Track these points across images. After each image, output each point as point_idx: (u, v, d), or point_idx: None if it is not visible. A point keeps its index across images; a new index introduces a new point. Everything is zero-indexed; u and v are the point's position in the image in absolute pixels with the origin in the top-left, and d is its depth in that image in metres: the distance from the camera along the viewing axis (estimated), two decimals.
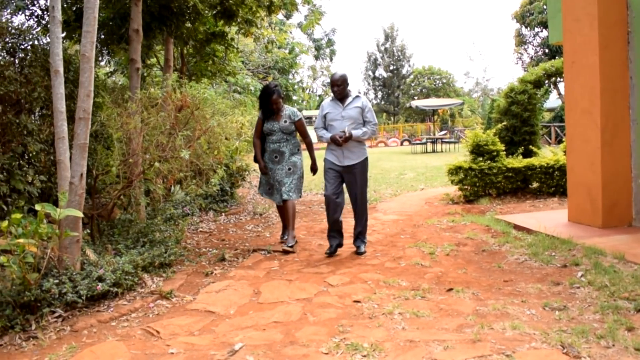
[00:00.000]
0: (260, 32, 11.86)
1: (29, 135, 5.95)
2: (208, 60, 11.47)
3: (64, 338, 4.05)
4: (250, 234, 7.77)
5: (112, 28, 8.56)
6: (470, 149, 9.80)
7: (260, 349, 3.62)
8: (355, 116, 6.19)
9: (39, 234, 4.11)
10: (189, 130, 6.00)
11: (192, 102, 6.04)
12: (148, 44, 9.42)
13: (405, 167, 17.34)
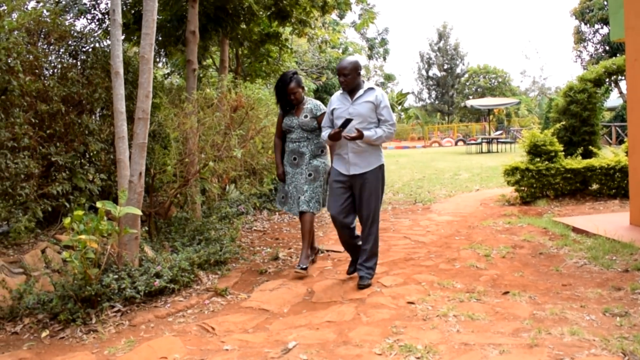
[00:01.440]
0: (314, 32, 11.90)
1: (90, 135, 6.13)
2: (262, 60, 11.55)
3: (122, 332, 4.15)
4: None
5: (169, 30, 8.74)
6: (528, 149, 9.59)
7: (314, 348, 3.63)
8: (365, 113, 5.00)
9: (100, 231, 4.23)
10: (244, 130, 6.07)
11: (247, 102, 6.12)
12: (204, 45, 9.58)
13: (460, 168, 17.10)
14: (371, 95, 5.06)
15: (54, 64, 6.44)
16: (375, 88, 5.14)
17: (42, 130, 5.71)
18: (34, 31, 6.05)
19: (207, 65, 12.00)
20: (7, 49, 4.79)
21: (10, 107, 5.15)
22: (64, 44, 6.40)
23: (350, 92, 5.12)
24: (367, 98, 5.05)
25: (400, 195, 11.44)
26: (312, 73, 24.06)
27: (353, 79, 5.06)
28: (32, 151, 5.48)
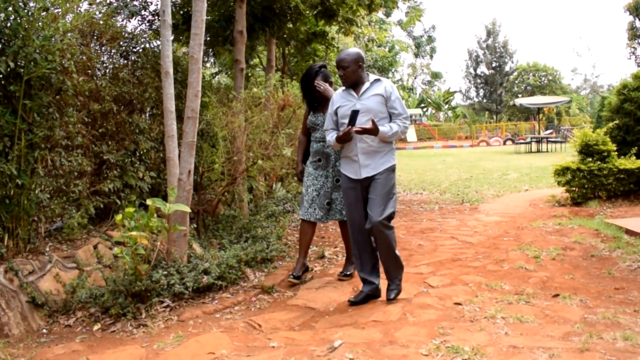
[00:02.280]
0: (360, 31, 11.90)
1: (140, 134, 6.25)
2: (309, 59, 11.61)
3: (171, 327, 4.23)
4: None
5: (217, 30, 8.85)
6: (579, 148, 9.36)
7: (360, 347, 3.62)
8: (375, 108, 4.52)
9: (150, 228, 4.31)
10: (291, 129, 6.10)
11: (294, 101, 6.15)
12: (251, 45, 9.68)
13: (509, 168, 16.82)
14: (379, 87, 4.59)
15: (105, 64, 6.59)
16: (382, 79, 4.66)
17: (95, 129, 5.85)
18: (87, 33, 6.20)
19: (254, 64, 12.12)
20: (62, 50, 4.92)
21: (64, 107, 5.29)
22: (116, 45, 6.54)
23: (354, 87, 4.65)
24: (375, 91, 4.58)
25: (447, 195, 11.33)
26: None
27: (353, 73, 4.58)
28: (85, 149, 5.62)
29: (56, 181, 5.19)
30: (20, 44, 4.51)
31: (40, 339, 4.11)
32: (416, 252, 6.38)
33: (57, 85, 5.05)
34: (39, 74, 4.65)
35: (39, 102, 4.78)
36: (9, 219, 4.69)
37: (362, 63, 4.63)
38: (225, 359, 3.56)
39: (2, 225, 4.71)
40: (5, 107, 4.55)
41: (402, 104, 4.59)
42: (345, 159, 4.70)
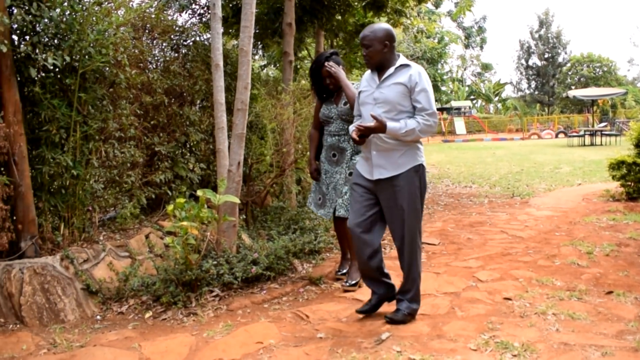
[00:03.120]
0: (409, 22, 11.78)
1: (190, 126, 6.35)
2: (357, 51, 11.55)
3: (220, 316, 4.29)
4: None
5: (266, 23, 8.90)
6: (635, 142, 9.06)
7: (407, 340, 3.60)
8: (393, 99, 3.77)
9: (200, 218, 4.38)
10: None
11: None
12: (300, 37, 9.70)
13: (561, 161, 16.44)
14: (404, 74, 3.79)
15: (157, 57, 6.71)
16: (412, 65, 3.82)
17: (147, 121, 5.97)
18: (139, 26, 6.32)
19: (302, 56, 12.14)
20: (115, 44, 5.03)
21: (117, 99, 5.42)
22: (167, 38, 6.65)
23: (380, 71, 3.91)
24: (397, 79, 3.79)
25: (497, 188, 11.15)
26: None
27: (377, 53, 3.82)
28: (137, 141, 5.75)
29: (110, 172, 5.32)
30: (75, 39, 4.63)
31: (94, 325, 4.23)
32: (465, 245, 6.30)
33: (110, 79, 5.17)
34: (94, 67, 4.76)
35: (93, 95, 4.90)
36: (64, 209, 4.83)
37: (390, 42, 3.84)
38: (273, 348, 3.59)
39: (58, 215, 4.86)
40: (62, 99, 4.68)
41: (428, 97, 3.76)
42: (362, 156, 4.09)
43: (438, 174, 14.44)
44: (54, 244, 4.68)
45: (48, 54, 4.38)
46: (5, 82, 4.35)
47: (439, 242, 6.45)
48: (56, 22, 4.57)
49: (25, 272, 4.22)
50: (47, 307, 4.21)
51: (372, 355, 3.37)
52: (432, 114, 3.76)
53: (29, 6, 4.43)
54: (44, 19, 4.51)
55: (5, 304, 4.20)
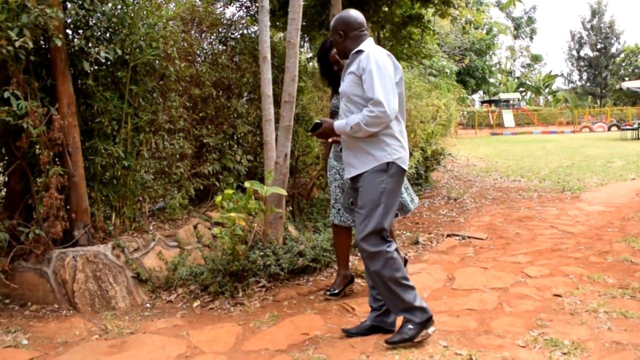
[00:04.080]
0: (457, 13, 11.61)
1: (238, 118, 6.41)
2: (404, 43, 11.44)
3: (267, 307, 4.33)
4: (444, 218, 7.68)
5: (313, 15, 8.89)
6: None
7: (454, 335, 3.57)
8: (347, 90, 3.50)
9: (248, 209, 4.42)
10: None
11: None
12: None
13: (614, 155, 16.00)
14: (355, 62, 3.48)
15: (205, 50, 6.79)
16: (364, 50, 3.46)
17: (195, 113, 6.05)
18: (188, 20, 6.41)
19: None
20: (165, 38, 5.11)
21: (167, 92, 5.50)
22: (215, 31, 6.73)
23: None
24: (350, 67, 3.51)
25: (547, 182, 10.92)
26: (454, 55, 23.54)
27: (336, 44, 3.65)
28: (186, 133, 5.83)
29: (159, 163, 5.42)
30: (126, 32, 4.72)
31: (144, 312, 4.33)
32: (513, 240, 6.20)
33: (160, 71, 5.26)
34: (144, 60, 4.85)
35: (144, 88, 4.99)
36: (116, 199, 4.94)
37: (345, 31, 3.57)
38: (319, 340, 3.61)
39: (110, 205, 4.98)
40: (113, 92, 4.78)
41: (372, 83, 3.30)
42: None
43: (486, 167, 14.23)
44: (105, 233, 4.80)
45: (101, 47, 4.48)
46: (59, 75, 4.47)
47: (487, 236, 6.37)
48: (108, 16, 4.66)
49: (78, 260, 4.34)
50: (98, 294, 4.33)
51: (419, 350, 3.34)
52: (375, 102, 3.28)
53: (83, 1, 4.54)
54: (97, 13, 4.61)
55: (60, 291, 4.33)
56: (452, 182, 11.04)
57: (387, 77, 3.34)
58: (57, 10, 4.22)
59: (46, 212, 4.31)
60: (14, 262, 4.39)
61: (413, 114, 6.20)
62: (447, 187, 10.45)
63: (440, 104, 7.63)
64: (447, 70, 21.49)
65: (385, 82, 3.32)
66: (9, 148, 4.51)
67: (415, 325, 3.39)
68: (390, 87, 3.34)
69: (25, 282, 4.40)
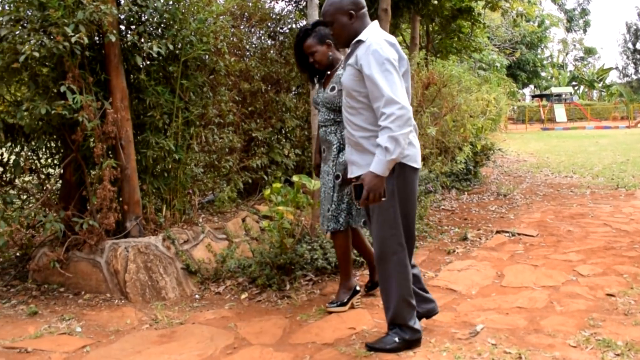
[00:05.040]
0: (508, 6, 11.42)
1: (286, 112, 6.45)
2: (453, 37, 11.33)
3: (313, 300, 4.34)
4: (494, 214, 7.56)
5: None
6: None
7: (503, 333, 3.52)
8: (347, 84, 3.15)
9: (296, 203, 4.44)
10: (436, 107, 6.00)
11: (439, 79, 6.03)
12: (395, 23, 9.60)
13: None
14: (354, 53, 3.12)
15: (254, 45, 6.84)
16: (364, 39, 3.08)
17: (244, 107, 6.11)
18: (238, 15, 6.48)
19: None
20: (215, 32, 5.17)
21: (217, 86, 5.57)
22: (264, 26, 6.77)
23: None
24: (350, 59, 3.15)
25: (601, 179, 10.64)
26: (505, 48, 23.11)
27: (342, 29, 3.22)
28: (235, 127, 5.90)
29: (209, 156, 5.49)
30: (178, 27, 4.79)
31: (193, 303, 4.40)
32: (565, 238, 6.06)
33: (210, 66, 5.32)
34: (195, 55, 4.91)
35: (194, 82, 5.06)
36: (166, 191, 5.03)
37: (356, 10, 3.18)
38: (366, 335, 3.60)
39: (161, 197, 5.07)
40: (165, 86, 4.86)
41: (376, 82, 2.95)
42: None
43: (537, 163, 13.95)
44: (156, 224, 4.90)
45: (153, 42, 4.55)
46: (113, 70, 4.57)
47: (537, 233, 6.24)
48: (160, 12, 4.74)
49: (130, 251, 4.43)
50: (149, 284, 4.42)
51: (466, 347, 3.31)
52: (388, 102, 2.90)
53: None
54: (149, 9, 4.69)
55: (112, 280, 4.44)
56: (502, 177, 10.85)
57: (392, 70, 2.98)
58: (111, 6, 4.31)
59: (99, 204, 4.42)
60: (68, 252, 4.52)
61: (463, 108, 6.11)
62: (496, 183, 10.29)
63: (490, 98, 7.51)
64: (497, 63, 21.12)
65: (391, 76, 2.96)
66: (65, 141, 4.64)
67: (402, 342, 3.27)
68: (398, 80, 2.98)
69: (79, 272, 4.53)
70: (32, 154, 4.91)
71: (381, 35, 3.10)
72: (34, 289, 4.60)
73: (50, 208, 4.59)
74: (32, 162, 4.87)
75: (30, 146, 4.86)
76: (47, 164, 5.07)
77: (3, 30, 4.17)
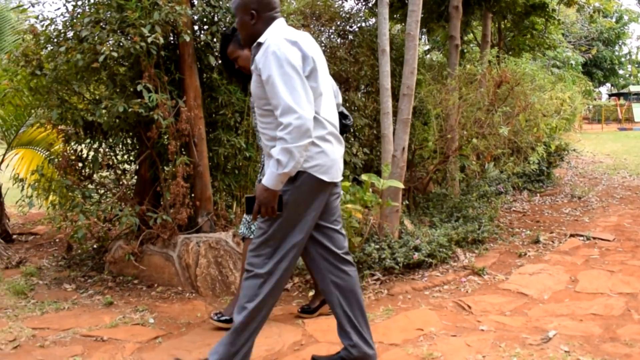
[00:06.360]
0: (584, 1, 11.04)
1: (356, 111, 6.44)
2: (526, 34, 11.02)
3: (381, 300, 4.33)
4: (567, 217, 7.32)
5: (431, 6, 8.74)
6: None
7: (576, 340, 3.41)
8: (253, 93, 2.87)
9: (364, 202, 4.43)
10: (508, 107, 5.86)
11: (512, 78, 5.88)
12: (466, 21, 9.42)
13: None
14: (254, 59, 2.83)
15: (324, 43, 6.86)
16: (264, 41, 2.80)
17: None
18: (308, 14, 6.51)
19: (468, 40, 11.82)
20: None
21: None
22: (333, 24, 6.79)
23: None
24: (252, 65, 2.86)
25: None
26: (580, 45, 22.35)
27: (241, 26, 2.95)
28: None
29: None
30: None
31: None
32: None
33: None
34: None
35: None
36: (237, 188, 5.12)
37: (257, 10, 2.88)
38: (434, 336, 3.56)
39: (232, 194, 5.17)
40: (237, 85, 4.93)
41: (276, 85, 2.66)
42: None
43: (613, 164, 13.43)
44: (227, 220, 4.99)
45: None
46: (187, 69, 4.68)
47: (614, 238, 6.01)
48: (232, 12, 4.80)
49: (201, 246, 4.53)
50: (219, 279, 4.50)
51: (538, 353, 3.23)
52: (284, 110, 2.63)
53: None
54: (222, 9, 4.78)
55: (183, 274, 4.56)
56: (576, 179, 10.52)
57: (291, 73, 2.68)
58: (186, 7, 4.41)
59: (173, 199, 4.54)
60: (142, 245, 4.67)
61: (536, 108, 5.94)
62: (570, 185, 9.97)
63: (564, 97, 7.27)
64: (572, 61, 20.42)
65: (291, 80, 2.66)
66: (140, 138, 4.79)
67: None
68: (299, 85, 2.68)
69: (152, 265, 4.67)
70: (109, 151, 5.10)
71: (281, 34, 2.79)
72: (109, 280, 4.77)
73: (125, 203, 4.75)
74: (110, 158, 5.06)
75: (108, 143, 5.05)
76: (124, 160, 5.26)
77: (84, 31, 4.35)
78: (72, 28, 4.59)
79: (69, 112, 4.74)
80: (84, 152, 5.15)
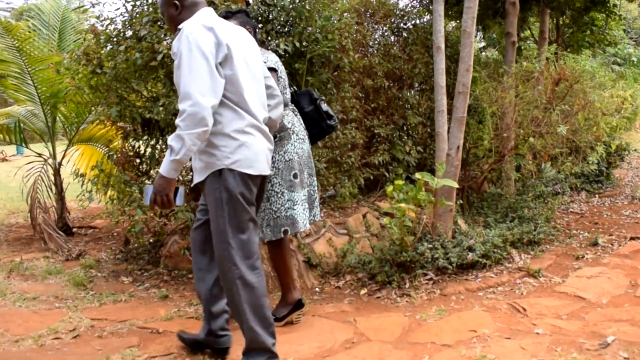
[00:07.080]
0: None
1: (409, 109, 6.40)
2: (586, 30, 10.73)
3: (433, 300, 4.29)
4: (628, 219, 7.09)
5: (487, 3, 8.60)
6: None
7: (636, 346, 3.29)
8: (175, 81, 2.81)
9: (418, 201, 4.39)
10: (567, 105, 5.72)
11: (571, 75, 5.74)
12: (523, 17, 9.23)
13: None
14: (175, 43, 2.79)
15: (377, 41, 6.83)
16: (181, 27, 2.78)
17: (367, 104, 6.13)
18: (362, 12, 6.50)
19: (524, 37, 11.60)
20: (340, 30, 5.21)
21: (340, 83, 5.62)
22: (387, 22, 6.76)
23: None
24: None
25: None
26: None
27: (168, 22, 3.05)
28: (358, 123, 5.93)
29: (332, 152, 5.56)
30: (304, 25, 4.88)
31: (313, 296, 4.49)
32: None
33: (335, 63, 5.37)
34: (320, 52, 4.98)
35: (319, 79, 5.13)
36: None
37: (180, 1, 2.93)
38: (487, 339, 3.51)
39: None
40: (291, 83, 4.95)
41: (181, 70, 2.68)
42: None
43: None
44: None
45: (280, 40, 4.67)
46: None
47: None
48: (287, 10, 4.85)
49: None
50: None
51: (596, 359, 3.14)
52: (183, 96, 2.64)
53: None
54: (277, 7, 4.81)
55: None
56: (637, 180, 10.17)
57: (199, 59, 2.65)
58: (241, 6, 4.46)
59: None
60: None
61: (596, 106, 5.78)
62: (631, 186, 9.65)
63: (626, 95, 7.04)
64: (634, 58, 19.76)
65: (196, 66, 2.64)
66: None
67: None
68: (205, 70, 2.65)
69: None
70: (166, 147, 5.19)
71: (199, 20, 2.79)
72: (165, 274, 4.88)
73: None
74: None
75: (164, 139, 5.14)
76: None
77: (142, 30, 4.44)
78: (131, 27, 4.71)
79: (128, 109, 4.86)
80: (142, 148, 5.27)
